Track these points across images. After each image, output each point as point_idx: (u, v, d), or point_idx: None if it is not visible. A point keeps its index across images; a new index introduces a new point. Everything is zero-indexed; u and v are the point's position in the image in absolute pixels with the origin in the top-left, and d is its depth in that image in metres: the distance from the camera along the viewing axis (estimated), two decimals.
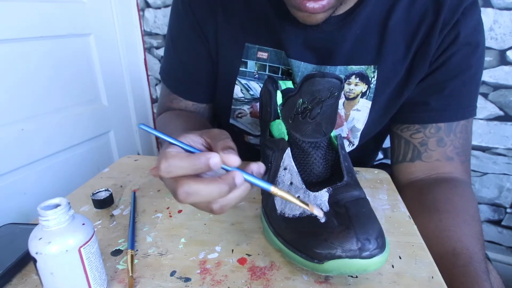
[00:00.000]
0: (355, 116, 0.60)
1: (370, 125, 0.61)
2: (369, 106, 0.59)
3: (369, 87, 0.57)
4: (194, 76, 0.66)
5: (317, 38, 0.55)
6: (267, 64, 0.60)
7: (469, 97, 0.57)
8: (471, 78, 0.56)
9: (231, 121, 0.67)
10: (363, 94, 0.58)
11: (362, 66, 0.56)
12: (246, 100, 0.64)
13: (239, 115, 0.66)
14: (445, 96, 0.56)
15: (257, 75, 0.61)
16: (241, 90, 0.63)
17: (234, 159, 0.31)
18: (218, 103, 0.69)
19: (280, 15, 0.55)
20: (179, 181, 0.30)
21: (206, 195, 0.30)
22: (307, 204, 0.33)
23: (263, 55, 0.60)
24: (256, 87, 0.62)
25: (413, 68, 0.55)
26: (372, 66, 0.56)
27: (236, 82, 0.62)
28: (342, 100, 0.59)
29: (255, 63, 0.60)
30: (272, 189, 0.32)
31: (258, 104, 0.63)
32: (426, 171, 0.59)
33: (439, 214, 0.50)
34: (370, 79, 0.57)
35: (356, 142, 0.64)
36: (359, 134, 0.62)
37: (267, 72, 0.61)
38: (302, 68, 0.57)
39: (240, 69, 0.61)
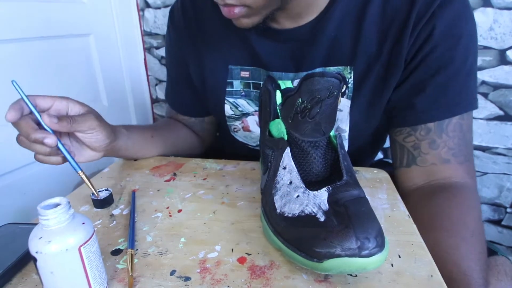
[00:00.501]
0: (339, 117, 0.60)
1: (355, 127, 0.60)
2: (349, 105, 0.58)
3: (347, 87, 0.57)
4: (186, 96, 0.74)
5: (292, 46, 0.57)
6: (250, 81, 0.63)
7: (458, 93, 0.54)
8: (456, 72, 0.53)
9: (232, 134, 0.70)
10: (342, 94, 0.58)
11: (340, 67, 0.56)
12: (237, 116, 0.66)
13: (235, 130, 0.69)
14: (429, 95, 0.54)
15: (243, 93, 0.64)
16: (230, 108, 0.66)
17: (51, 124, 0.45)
18: (216, 120, 0.75)
19: (256, 31, 0.57)
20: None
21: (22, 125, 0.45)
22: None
23: (246, 74, 0.63)
24: (243, 104, 0.65)
25: (389, 67, 0.54)
26: (348, 67, 0.56)
27: (225, 101, 0.65)
28: None
29: (240, 82, 0.63)
30: (80, 173, 0.46)
31: (248, 119, 0.66)
32: (424, 177, 0.56)
33: (436, 233, 0.47)
34: (347, 79, 0.57)
35: (345, 144, 0.63)
36: (346, 135, 0.61)
37: (251, 89, 0.63)
38: (284, 77, 0.59)
39: (227, 89, 0.64)
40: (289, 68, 0.58)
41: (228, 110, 0.66)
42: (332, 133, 0.43)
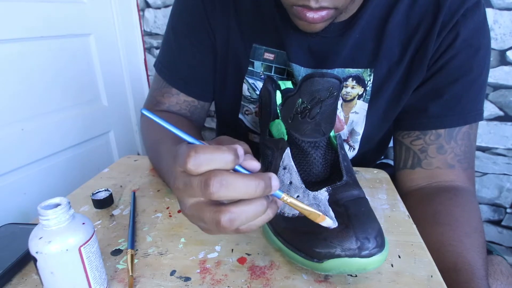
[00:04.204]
0: (354, 119, 0.60)
1: (370, 130, 0.61)
2: (366, 109, 0.58)
3: (365, 90, 0.57)
4: (196, 71, 0.65)
5: (318, 44, 0.56)
6: (273, 65, 0.61)
7: (471, 102, 0.55)
8: (472, 82, 0.55)
9: (240, 116, 0.67)
10: (359, 96, 0.58)
11: (359, 69, 0.56)
12: (253, 99, 0.64)
13: (246, 112, 0.66)
14: (444, 102, 0.55)
15: (263, 76, 0.61)
16: (248, 89, 0.63)
17: (255, 164, 0.30)
18: (227, 100, 0.68)
19: (284, 19, 0.55)
20: (212, 172, 0.27)
21: (242, 188, 0.27)
22: (318, 214, 0.31)
23: (270, 56, 0.60)
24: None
25: (411, 72, 0.55)
26: (368, 69, 0.56)
27: (244, 81, 0.63)
28: (339, 102, 0.59)
29: (262, 63, 0.61)
30: (284, 196, 0.31)
31: None
32: (427, 179, 0.57)
33: (440, 227, 0.49)
34: (366, 82, 0.57)
35: (356, 147, 0.63)
36: (359, 138, 0.62)
37: (272, 73, 0.61)
38: (303, 72, 0.58)
39: (249, 68, 0.62)
40: (308, 63, 0.57)
41: (245, 90, 0.64)
42: (332, 134, 0.43)
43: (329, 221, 0.32)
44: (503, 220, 1.20)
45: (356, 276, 0.36)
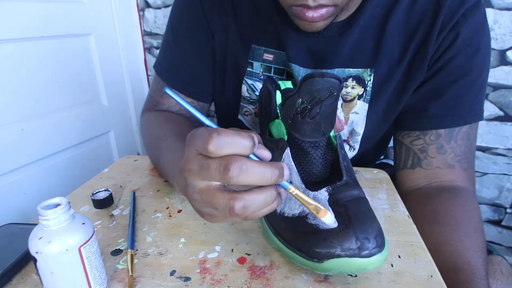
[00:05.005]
0: (354, 119, 0.60)
1: (370, 130, 0.61)
2: (366, 109, 0.58)
3: (365, 90, 0.57)
4: (195, 73, 0.65)
5: (318, 44, 0.56)
6: (273, 66, 0.60)
7: (471, 102, 0.55)
8: (472, 82, 0.55)
9: (240, 117, 0.67)
10: (360, 97, 0.58)
11: (359, 69, 0.56)
12: (252, 100, 0.64)
13: (245, 113, 0.66)
14: (445, 102, 0.55)
15: (262, 76, 0.61)
16: (247, 90, 0.63)
17: (267, 153, 0.31)
18: (226, 101, 0.68)
19: (284, 20, 0.55)
20: (232, 157, 0.28)
21: (260, 174, 0.28)
22: (320, 208, 0.32)
23: (269, 57, 0.60)
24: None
25: (411, 72, 0.55)
26: (368, 69, 0.56)
27: (243, 82, 0.63)
28: (340, 102, 0.59)
29: (261, 64, 0.61)
30: (291, 187, 0.31)
31: None
32: (427, 179, 0.57)
33: (440, 227, 0.49)
34: (366, 82, 0.56)
35: (356, 147, 0.63)
36: (359, 138, 0.62)
37: (272, 74, 0.61)
38: (302, 72, 0.58)
39: (248, 69, 0.62)
40: (308, 63, 0.57)
41: (244, 91, 0.63)
42: (332, 134, 0.43)
43: (330, 218, 0.32)
44: (503, 220, 1.20)
45: (356, 276, 0.36)
